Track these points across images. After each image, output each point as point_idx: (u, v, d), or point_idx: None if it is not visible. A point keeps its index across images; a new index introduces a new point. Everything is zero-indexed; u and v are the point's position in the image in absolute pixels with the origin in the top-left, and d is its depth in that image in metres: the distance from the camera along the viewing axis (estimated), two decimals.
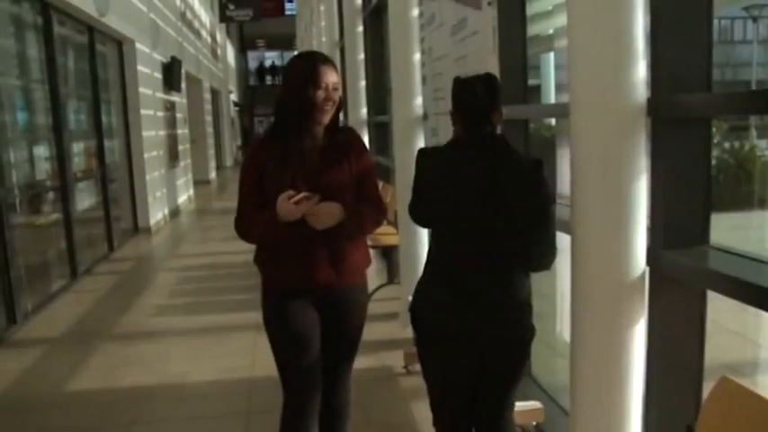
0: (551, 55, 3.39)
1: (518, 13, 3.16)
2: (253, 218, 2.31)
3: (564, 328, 3.61)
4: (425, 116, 4.65)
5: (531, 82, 3.33)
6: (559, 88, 3.52)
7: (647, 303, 2.02)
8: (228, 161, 22.72)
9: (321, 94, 2.22)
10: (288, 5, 31.70)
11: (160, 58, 10.50)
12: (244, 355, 4.30)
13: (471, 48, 2.97)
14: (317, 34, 14.19)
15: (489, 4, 2.71)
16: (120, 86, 8.94)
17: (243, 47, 33.05)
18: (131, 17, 8.83)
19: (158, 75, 10.37)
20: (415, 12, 4.82)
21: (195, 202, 13.08)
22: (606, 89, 1.91)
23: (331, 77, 2.25)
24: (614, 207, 1.95)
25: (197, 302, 5.68)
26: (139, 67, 9.17)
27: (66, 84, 6.93)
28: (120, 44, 8.88)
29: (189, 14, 14.14)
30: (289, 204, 2.19)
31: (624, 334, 1.95)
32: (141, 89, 9.20)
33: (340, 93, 2.30)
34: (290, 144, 2.27)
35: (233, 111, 27.12)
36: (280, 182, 2.26)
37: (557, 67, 3.53)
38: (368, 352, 4.18)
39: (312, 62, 2.27)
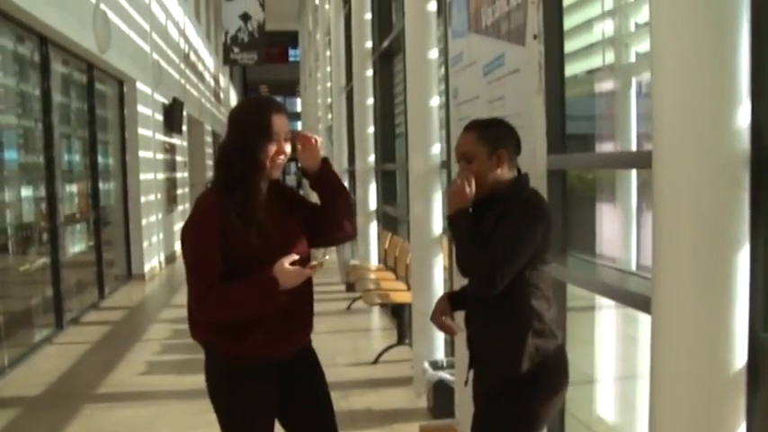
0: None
1: (557, 49, 2.85)
2: (231, 291, 1.95)
3: (601, 407, 3.24)
4: (443, 164, 4.33)
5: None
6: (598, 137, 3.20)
7: (744, 404, 1.62)
8: None
9: (273, 147, 1.97)
10: (291, 52, 31.97)
11: (162, 98, 10.25)
12: None
13: (509, 88, 2.64)
14: (323, 79, 14.05)
15: (535, 37, 2.39)
16: (119, 127, 8.65)
17: (245, 91, 33.13)
18: (133, 56, 8.60)
19: (159, 116, 10.10)
20: (434, 53, 4.55)
21: None
22: (701, 136, 1.56)
23: (285, 127, 2.00)
24: (708, 282, 1.58)
25: (190, 360, 5.21)
26: (140, 108, 8.91)
27: (61, 122, 6.63)
28: (121, 83, 8.63)
29: (192, 56, 13.99)
30: (295, 269, 1.93)
31: None
32: (141, 130, 8.92)
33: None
34: (248, 199, 1.97)
35: None
36: (247, 244, 1.94)
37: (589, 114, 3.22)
38: (377, 424, 3.76)
39: (265, 109, 2.00)
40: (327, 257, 2.02)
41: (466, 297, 2.22)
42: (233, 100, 25.96)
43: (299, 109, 33.82)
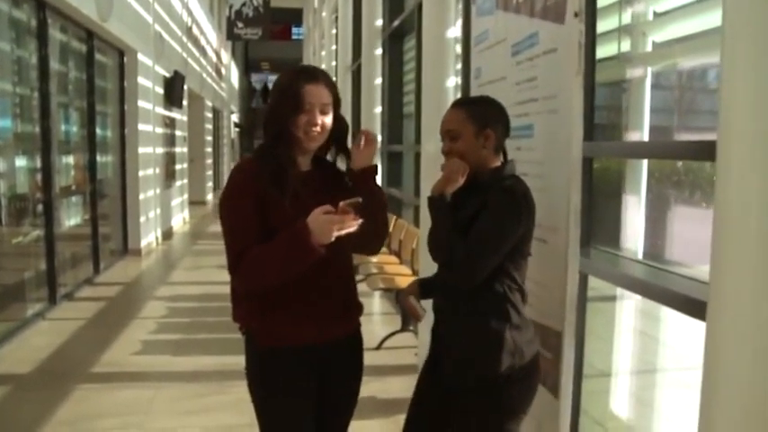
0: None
1: (591, 31, 2.68)
2: (263, 253, 1.81)
3: (616, 404, 3.11)
4: None
5: None
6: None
7: None
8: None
9: (303, 118, 1.85)
10: (295, 30, 31.58)
11: (163, 71, 10.01)
12: (241, 410, 3.69)
13: (543, 69, 2.45)
14: (328, 58, 13.80)
15: (576, 15, 2.21)
16: (119, 98, 8.43)
17: (247, 68, 32.77)
18: (135, 26, 8.36)
19: (160, 89, 9.87)
20: (453, 31, 4.36)
21: (190, 225, 12.51)
22: None
23: (319, 98, 1.86)
24: None
25: (188, 340, 5.09)
26: (140, 80, 8.68)
27: (59, 91, 6.41)
28: (122, 54, 8.39)
29: (195, 30, 13.71)
30: (327, 216, 1.75)
31: None
32: (141, 103, 8.69)
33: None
34: (281, 168, 1.88)
35: (234, 131, 26.66)
36: (283, 213, 1.83)
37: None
38: (381, 413, 3.62)
39: (294, 78, 1.87)
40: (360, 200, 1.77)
41: (436, 286, 2.11)
42: (234, 76, 25.65)
43: None
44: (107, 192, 8.09)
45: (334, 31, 13.31)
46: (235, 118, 26.58)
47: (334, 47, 13.42)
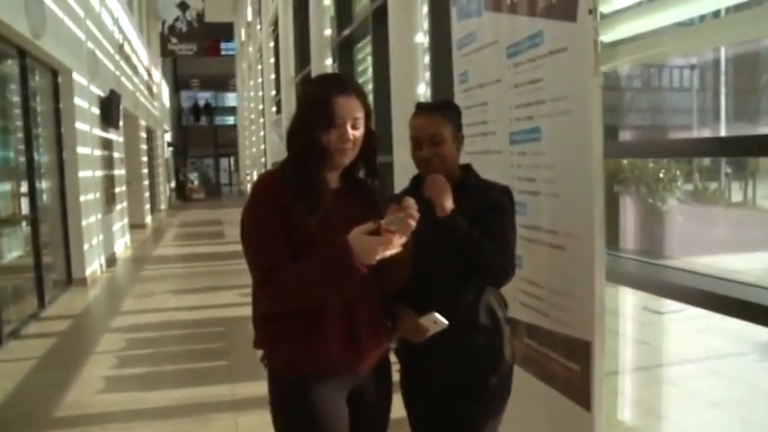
0: None
1: None
2: (300, 271, 1.67)
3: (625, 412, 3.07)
4: None
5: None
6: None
7: None
8: (163, 204, 21.47)
9: (334, 132, 1.72)
10: (224, 45, 31.04)
11: (98, 91, 9.56)
12: None
13: (551, 69, 2.37)
14: (267, 71, 13.54)
15: (590, 12, 2.13)
16: (55, 121, 7.97)
17: (177, 86, 31.98)
18: (69, 44, 7.93)
19: (96, 109, 9.42)
20: (420, 37, 4.28)
21: (132, 249, 11.99)
22: None
23: (350, 111, 1.73)
24: None
25: (154, 373, 4.78)
26: (76, 100, 8.24)
27: None
28: (56, 73, 7.95)
29: (127, 48, 13.22)
30: (374, 237, 1.61)
31: None
32: (78, 124, 8.25)
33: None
34: (309, 185, 1.74)
35: (167, 151, 25.92)
36: (308, 233, 1.69)
37: None
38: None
39: (325, 89, 1.74)
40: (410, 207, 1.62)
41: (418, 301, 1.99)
42: (165, 95, 24.94)
43: (232, 104, 32.95)
44: (47, 219, 7.61)
45: (272, 44, 13.10)
46: (168, 137, 25.83)
47: (272, 59, 13.20)
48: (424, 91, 4.24)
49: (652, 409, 3.89)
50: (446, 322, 1.92)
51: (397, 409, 2.06)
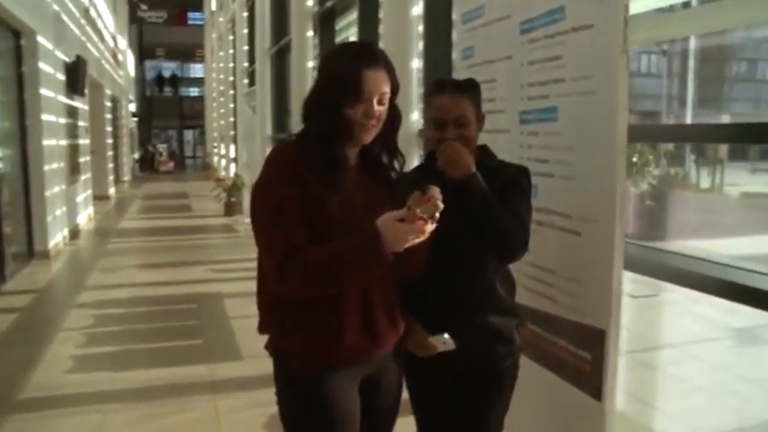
0: None
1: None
2: (325, 256, 1.53)
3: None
4: (420, 132, 3.92)
5: None
6: None
7: None
8: (126, 175, 20.93)
9: (360, 107, 1.58)
10: (191, 14, 30.23)
11: (64, 57, 9.15)
12: (206, 428, 3.34)
13: (573, 47, 2.24)
14: (240, 41, 13.17)
15: None
16: (17, 86, 7.59)
17: (142, 56, 31.11)
18: (33, 4, 7.53)
19: (61, 75, 9.02)
20: (416, 10, 4.11)
21: (95, 221, 11.62)
22: None
23: (378, 86, 1.57)
24: None
25: (126, 351, 4.58)
26: (41, 65, 7.86)
27: None
28: (18, 35, 7.55)
29: (93, 12, 12.71)
30: (405, 224, 1.48)
31: None
32: (42, 90, 7.88)
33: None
34: (330, 164, 1.59)
35: (132, 121, 25.24)
36: (327, 214, 1.56)
37: None
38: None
39: (354, 61, 1.57)
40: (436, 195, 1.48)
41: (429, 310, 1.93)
42: (131, 63, 24.21)
43: (198, 75, 32.21)
44: (7, 189, 7.27)
45: (245, 13, 12.72)
46: (132, 107, 25.15)
47: (245, 30, 12.83)
48: (417, 65, 4.08)
49: (637, 395, 3.87)
50: (454, 345, 1.87)
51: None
